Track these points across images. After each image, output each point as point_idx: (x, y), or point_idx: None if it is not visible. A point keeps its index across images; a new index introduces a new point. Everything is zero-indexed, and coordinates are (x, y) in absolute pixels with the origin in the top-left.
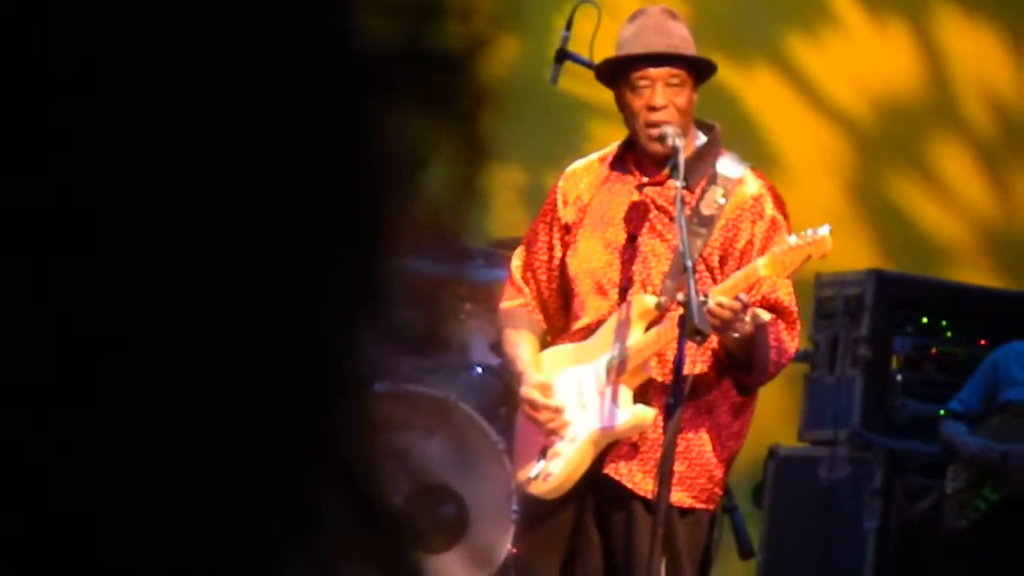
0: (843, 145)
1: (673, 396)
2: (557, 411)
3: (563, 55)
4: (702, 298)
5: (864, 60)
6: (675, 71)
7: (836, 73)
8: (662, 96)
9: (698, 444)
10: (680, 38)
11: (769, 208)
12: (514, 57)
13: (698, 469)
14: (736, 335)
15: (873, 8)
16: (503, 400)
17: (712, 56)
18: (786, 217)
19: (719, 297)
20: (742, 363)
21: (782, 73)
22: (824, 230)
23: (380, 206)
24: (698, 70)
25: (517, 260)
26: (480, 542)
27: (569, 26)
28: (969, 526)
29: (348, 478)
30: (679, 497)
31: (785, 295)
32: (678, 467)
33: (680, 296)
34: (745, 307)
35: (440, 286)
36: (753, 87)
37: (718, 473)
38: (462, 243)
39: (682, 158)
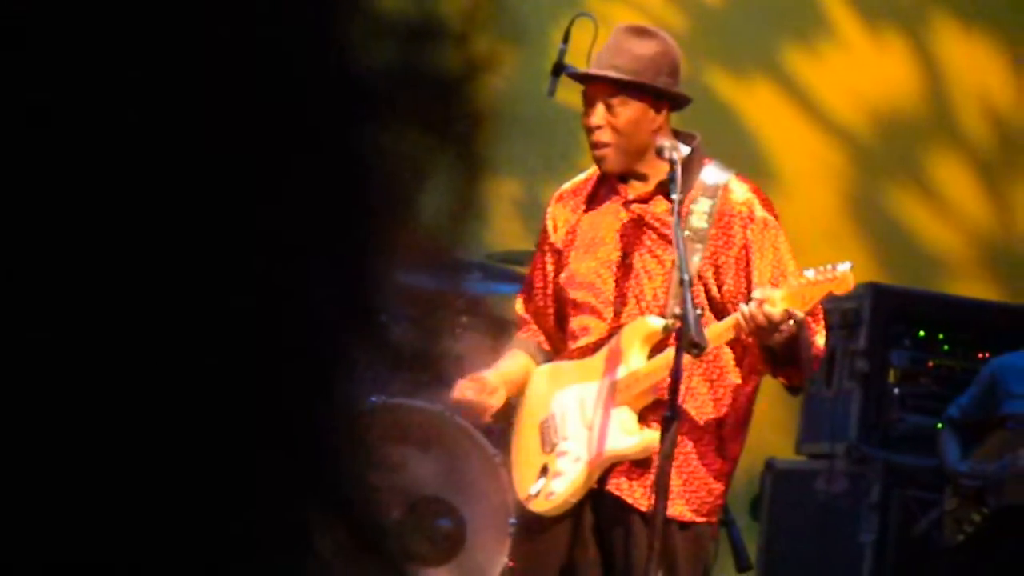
0: (841, 158)
1: (670, 409)
2: (473, 404)
3: (560, 68)
4: (698, 311)
5: (862, 73)
6: (613, 90)
7: (834, 86)
8: (598, 115)
9: (696, 457)
10: (633, 57)
11: (759, 210)
12: (511, 70)
13: (697, 483)
14: (779, 336)
15: (871, 21)
16: (499, 414)
17: (709, 70)
18: (776, 218)
19: (768, 309)
20: (786, 362)
21: (780, 86)
22: (845, 267)
23: (376, 222)
24: (660, 89)
25: (519, 302)
26: (476, 556)
27: (566, 39)
28: (965, 541)
29: (340, 497)
30: (679, 510)
31: None
32: (676, 481)
33: (677, 310)
34: (790, 315)
35: (436, 300)
36: (751, 100)
37: (718, 487)
38: (458, 257)
39: (679, 172)
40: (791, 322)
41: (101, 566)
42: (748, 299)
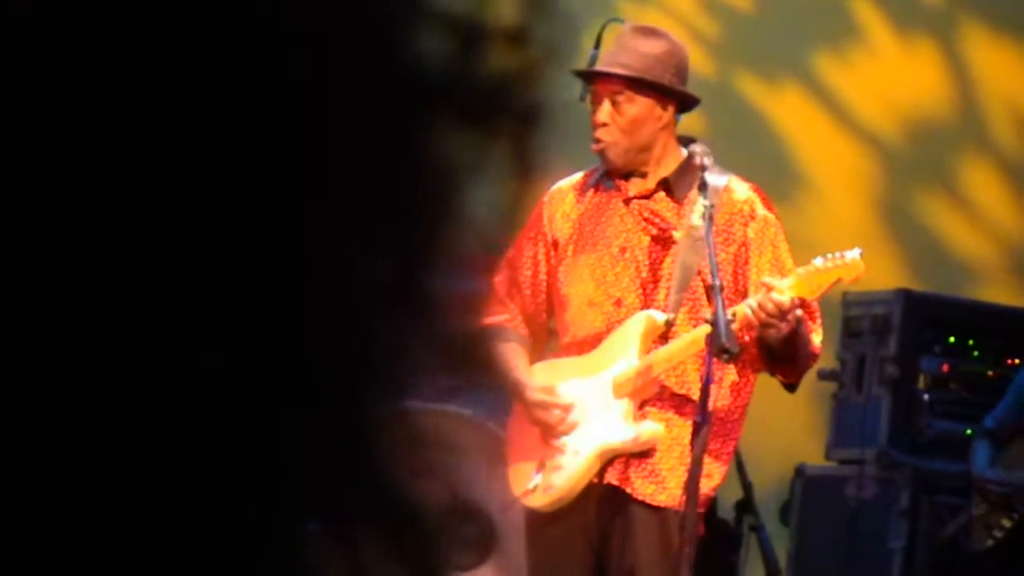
0: (871, 165)
1: (700, 414)
2: (567, 409)
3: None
4: (729, 316)
5: (892, 80)
6: (618, 88)
7: (864, 93)
8: (604, 113)
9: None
10: (637, 56)
11: (760, 209)
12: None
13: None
14: (777, 332)
15: (901, 28)
16: None
17: (740, 75)
18: (777, 217)
19: (777, 296)
20: (783, 358)
21: (810, 93)
22: (854, 253)
23: (425, 222)
24: (666, 88)
25: (500, 276)
26: (508, 560)
27: (598, 44)
28: (995, 546)
29: (376, 503)
30: (679, 500)
31: None
32: (679, 471)
33: (708, 315)
34: (799, 304)
35: (472, 302)
36: (781, 107)
37: (711, 481)
38: (499, 254)
39: (709, 176)
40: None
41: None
42: (744, 295)
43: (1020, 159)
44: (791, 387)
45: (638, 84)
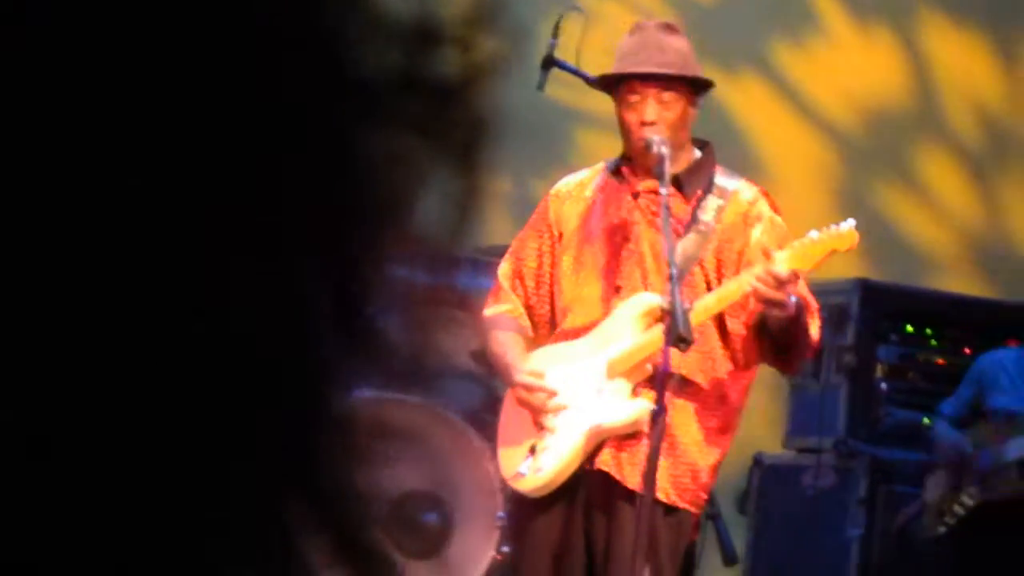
0: (830, 155)
1: (657, 403)
2: (552, 393)
3: (550, 62)
4: (687, 305)
5: (851, 70)
6: (666, 87)
7: (823, 83)
8: (652, 111)
9: (684, 444)
10: (675, 53)
11: (766, 210)
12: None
13: (683, 467)
14: (780, 312)
15: (860, 18)
16: (487, 407)
17: (700, 66)
18: (784, 219)
19: (774, 268)
20: (784, 347)
21: (769, 83)
22: (848, 224)
23: (369, 222)
24: (694, 85)
25: (503, 268)
26: (464, 549)
27: (556, 33)
28: (947, 532)
29: (324, 494)
30: (664, 491)
31: (802, 286)
32: (664, 463)
33: (664, 304)
34: (796, 275)
35: (426, 294)
36: (740, 97)
37: (703, 477)
38: (452, 253)
39: (667, 166)
40: (793, 300)
41: (74, 566)
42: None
43: (977, 148)
44: (790, 376)
45: (683, 82)
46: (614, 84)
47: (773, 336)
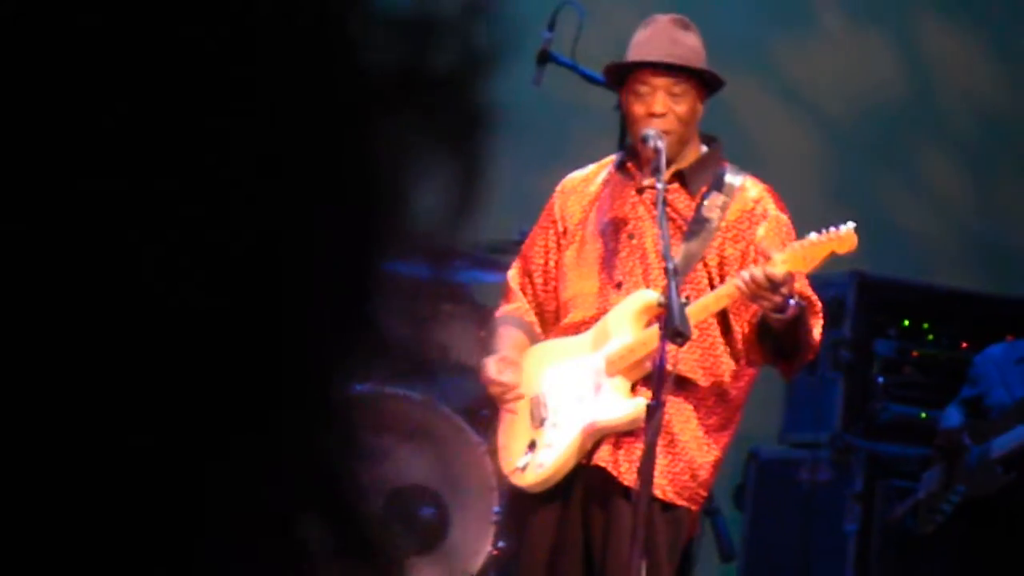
0: (826, 149)
1: (654, 397)
2: (506, 387)
3: (546, 57)
4: (683, 300)
5: (848, 65)
6: (677, 80)
7: (820, 78)
8: (662, 104)
9: (683, 441)
10: (688, 48)
11: (772, 208)
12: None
13: (682, 465)
14: (780, 314)
15: (856, 13)
16: (484, 402)
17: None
18: (789, 218)
19: (770, 268)
20: (786, 348)
21: (766, 78)
22: (848, 226)
23: (370, 216)
24: (704, 81)
25: (513, 269)
26: (460, 544)
27: (552, 27)
28: (941, 527)
29: (322, 488)
30: (661, 488)
31: (805, 285)
32: (662, 460)
33: (661, 298)
34: (792, 276)
35: (423, 288)
36: (738, 92)
37: (702, 474)
38: (450, 248)
39: (664, 160)
40: (794, 301)
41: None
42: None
43: (974, 142)
44: (786, 375)
45: (695, 78)
46: (624, 76)
47: (775, 337)
